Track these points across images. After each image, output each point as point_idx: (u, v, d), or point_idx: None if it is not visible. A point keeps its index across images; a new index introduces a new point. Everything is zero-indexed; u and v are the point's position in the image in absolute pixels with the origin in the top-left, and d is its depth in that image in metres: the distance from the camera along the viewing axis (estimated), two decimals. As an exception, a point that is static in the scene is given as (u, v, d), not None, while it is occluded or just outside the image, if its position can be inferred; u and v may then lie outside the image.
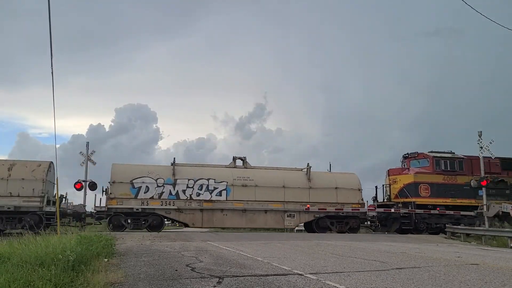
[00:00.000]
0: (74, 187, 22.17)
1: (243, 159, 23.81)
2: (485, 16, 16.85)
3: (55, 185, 18.28)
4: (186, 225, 22.64)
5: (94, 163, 22.70)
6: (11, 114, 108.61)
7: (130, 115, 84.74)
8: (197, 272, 7.05)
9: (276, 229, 27.84)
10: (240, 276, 6.59)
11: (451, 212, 23.83)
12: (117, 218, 20.67)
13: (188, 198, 21.56)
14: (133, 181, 21.11)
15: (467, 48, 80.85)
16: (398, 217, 23.66)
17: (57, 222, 15.13)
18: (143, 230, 20.90)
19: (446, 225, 22.62)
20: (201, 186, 21.81)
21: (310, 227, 23.79)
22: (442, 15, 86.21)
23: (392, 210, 23.96)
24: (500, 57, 75.04)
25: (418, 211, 23.54)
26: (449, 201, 24.16)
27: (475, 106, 75.99)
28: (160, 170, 22.11)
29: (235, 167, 23.45)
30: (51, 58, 8.99)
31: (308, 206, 22.60)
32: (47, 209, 19.95)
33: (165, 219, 22.46)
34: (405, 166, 25.79)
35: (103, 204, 21.06)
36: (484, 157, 22.12)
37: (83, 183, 21.97)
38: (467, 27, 77.47)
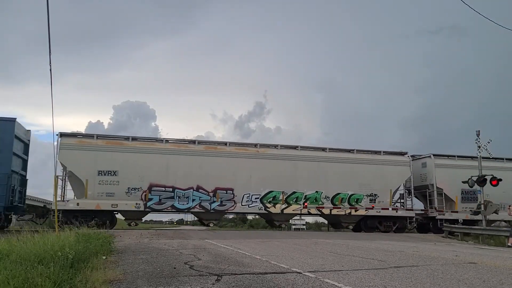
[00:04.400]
0: None
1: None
2: (484, 16, 16.86)
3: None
4: None
5: None
6: (9, 111, 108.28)
7: (129, 112, 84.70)
8: (196, 270, 7.04)
9: (274, 228, 27.83)
10: (239, 274, 6.60)
11: None
12: None
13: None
14: None
15: (468, 47, 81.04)
16: None
17: None
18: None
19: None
20: None
21: None
22: (443, 14, 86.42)
23: None
24: (501, 57, 75.30)
25: None
26: None
27: (475, 105, 76.23)
28: None
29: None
30: (50, 55, 8.99)
31: None
32: None
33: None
34: None
35: None
36: None
37: None
38: (470, 26, 77.74)
